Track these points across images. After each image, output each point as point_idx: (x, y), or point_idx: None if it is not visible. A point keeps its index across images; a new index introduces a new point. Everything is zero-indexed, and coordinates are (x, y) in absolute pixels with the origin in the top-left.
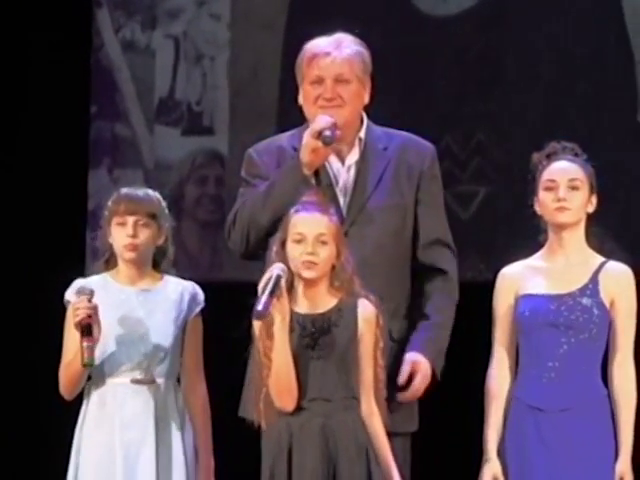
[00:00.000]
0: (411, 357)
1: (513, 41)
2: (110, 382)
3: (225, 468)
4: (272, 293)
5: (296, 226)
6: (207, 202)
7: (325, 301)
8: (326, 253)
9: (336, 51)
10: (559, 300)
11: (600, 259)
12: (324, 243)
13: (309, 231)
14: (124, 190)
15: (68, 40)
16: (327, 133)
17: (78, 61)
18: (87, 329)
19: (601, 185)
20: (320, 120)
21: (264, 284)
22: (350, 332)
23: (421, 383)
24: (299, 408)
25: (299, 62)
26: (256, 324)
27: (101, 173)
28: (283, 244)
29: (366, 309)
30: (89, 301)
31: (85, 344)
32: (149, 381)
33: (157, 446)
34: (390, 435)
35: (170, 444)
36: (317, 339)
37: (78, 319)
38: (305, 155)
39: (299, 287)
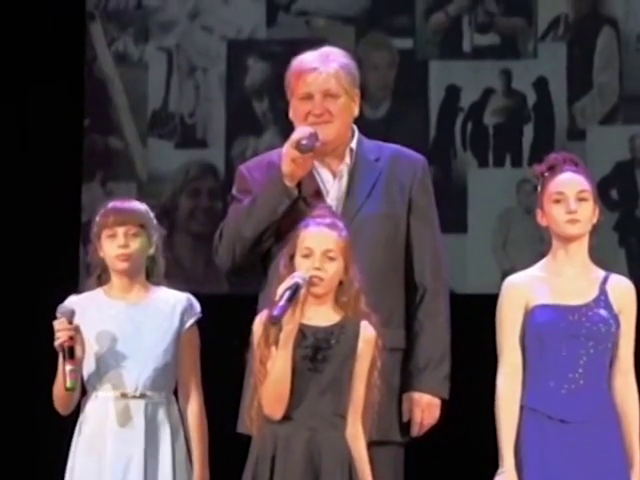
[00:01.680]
0: (406, 397)
1: None
2: (100, 396)
3: None
4: (290, 300)
5: (304, 241)
6: (200, 214)
7: (329, 316)
8: (333, 269)
9: (323, 66)
10: (578, 311)
11: (602, 271)
12: (332, 259)
13: (317, 246)
14: (111, 203)
15: (61, 53)
16: (304, 142)
17: (71, 74)
18: (69, 352)
19: None
20: (299, 130)
21: (284, 290)
22: (349, 350)
23: (422, 417)
24: (287, 417)
25: (288, 78)
26: (257, 332)
27: (94, 186)
28: (291, 258)
29: (367, 330)
30: (70, 322)
31: (68, 367)
32: (138, 395)
33: (146, 461)
34: (382, 444)
35: (159, 459)
36: (317, 352)
37: (59, 342)
38: (285, 165)
39: (306, 301)
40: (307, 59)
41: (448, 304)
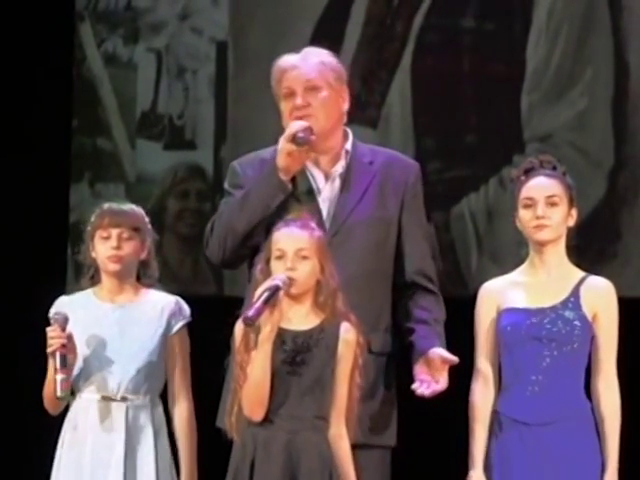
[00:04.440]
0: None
1: None
2: (83, 398)
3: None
4: (267, 302)
5: (277, 243)
6: (188, 216)
7: (309, 319)
8: (307, 268)
9: (303, 62)
10: (541, 313)
11: (581, 273)
12: (304, 258)
13: (288, 247)
14: (107, 204)
15: (50, 54)
16: (300, 134)
17: (60, 74)
18: (62, 360)
19: None
20: (294, 125)
21: (261, 292)
22: (329, 353)
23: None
24: (267, 420)
25: (272, 81)
26: (238, 337)
27: (83, 187)
28: (267, 262)
29: (348, 333)
30: (63, 330)
31: (60, 376)
32: (120, 398)
33: (125, 465)
34: (368, 447)
35: (140, 462)
36: (295, 356)
37: (52, 349)
38: (281, 159)
39: (284, 302)
40: (287, 59)
41: (442, 302)
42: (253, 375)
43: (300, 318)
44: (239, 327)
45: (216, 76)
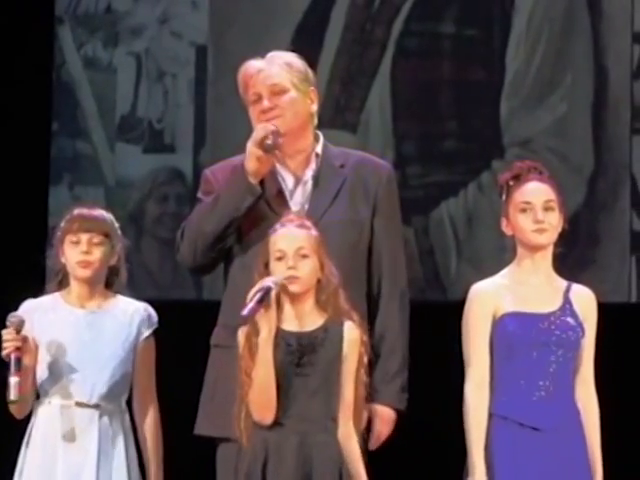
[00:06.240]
0: (366, 407)
1: None
2: (55, 404)
3: None
4: (260, 301)
5: (275, 244)
6: (168, 220)
7: (312, 319)
8: (308, 266)
9: (268, 65)
10: (547, 319)
11: (563, 281)
12: (305, 256)
13: (288, 246)
14: (78, 209)
15: (30, 57)
16: (268, 141)
17: (40, 78)
18: (16, 363)
19: None
20: (261, 128)
21: (254, 292)
22: (335, 353)
23: (381, 427)
24: (277, 423)
25: (240, 88)
26: (240, 344)
27: (62, 190)
28: (266, 266)
29: (351, 331)
30: (18, 332)
31: (13, 379)
32: (94, 404)
33: (99, 470)
34: None
35: (112, 468)
36: (301, 357)
37: (6, 352)
38: (249, 164)
39: (286, 304)
40: (253, 64)
41: (406, 313)
42: (257, 379)
43: (303, 319)
44: (241, 334)
45: (195, 80)
